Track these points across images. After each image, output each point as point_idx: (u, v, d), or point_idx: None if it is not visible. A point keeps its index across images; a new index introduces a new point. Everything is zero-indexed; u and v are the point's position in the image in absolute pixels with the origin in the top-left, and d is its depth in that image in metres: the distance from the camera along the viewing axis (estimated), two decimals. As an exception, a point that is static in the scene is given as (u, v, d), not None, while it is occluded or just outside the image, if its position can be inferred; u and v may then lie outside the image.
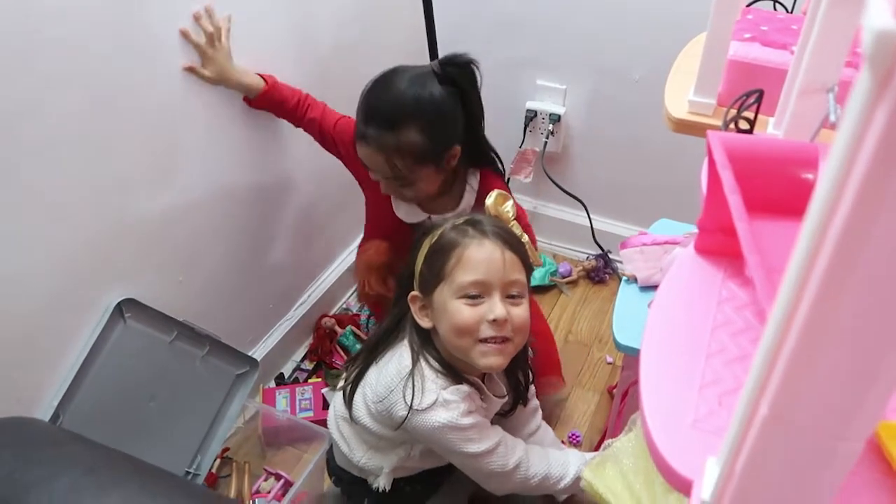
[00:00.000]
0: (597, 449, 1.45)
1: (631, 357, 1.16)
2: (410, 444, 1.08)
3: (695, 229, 1.27)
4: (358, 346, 1.63)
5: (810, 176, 0.58)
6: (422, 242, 1.05)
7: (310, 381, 1.58)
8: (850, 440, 0.32)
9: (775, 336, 0.32)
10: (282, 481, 1.36)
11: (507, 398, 1.13)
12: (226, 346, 1.30)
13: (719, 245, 0.63)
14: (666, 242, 1.27)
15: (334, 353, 1.63)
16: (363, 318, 1.73)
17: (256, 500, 1.34)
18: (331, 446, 1.24)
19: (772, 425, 0.33)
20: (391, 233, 1.32)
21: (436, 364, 1.02)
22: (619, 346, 1.15)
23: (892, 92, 0.23)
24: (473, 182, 1.30)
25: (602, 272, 1.92)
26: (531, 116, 1.83)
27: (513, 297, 1.01)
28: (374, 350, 1.10)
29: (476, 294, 0.98)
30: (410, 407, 0.99)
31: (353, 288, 1.81)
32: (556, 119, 1.80)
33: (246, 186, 1.36)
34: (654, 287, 1.23)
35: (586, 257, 1.95)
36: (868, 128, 0.25)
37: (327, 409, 1.48)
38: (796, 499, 0.35)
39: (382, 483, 1.10)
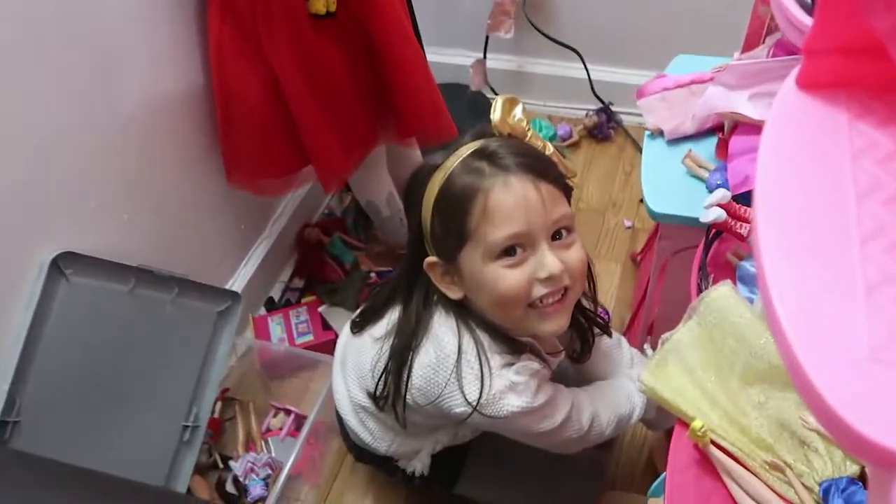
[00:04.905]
0: (631, 324, 1.32)
1: (668, 226, 0.99)
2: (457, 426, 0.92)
3: (724, 61, 1.06)
4: (350, 255, 1.46)
5: None
6: (422, 188, 0.82)
7: (303, 300, 1.42)
8: None
9: None
10: (292, 415, 1.23)
11: (562, 354, 0.95)
12: (197, 283, 1.12)
13: (836, 72, 0.43)
14: (692, 83, 1.06)
15: (325, 266, 1.46)
16: (349, 221, 1.55)
17: (269, 438, 1.22)
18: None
19: None
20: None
21: (485, 338, 0.83)
22: (654, 216, 0.97)
23: None
24: None
25: (606, 128, 1.71)
26: (503, -43, 1.56)
27: (561, 236, 0.79)
28: (398, 339, 0.87)
29: (517, 250, 0.77)
30: (474, 401, 0.80)
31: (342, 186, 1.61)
32: (533, -45, 1.53)
33: (191, 87, 1.14)
34: (685, 138, 1.04)
35: (585, 114, 1.73)
36: None
37: (327, 329, 1.35)
38: None
39: (419, 467, 0.95)
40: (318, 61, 1.13)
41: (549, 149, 0.84)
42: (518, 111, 0.83)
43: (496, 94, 1.77)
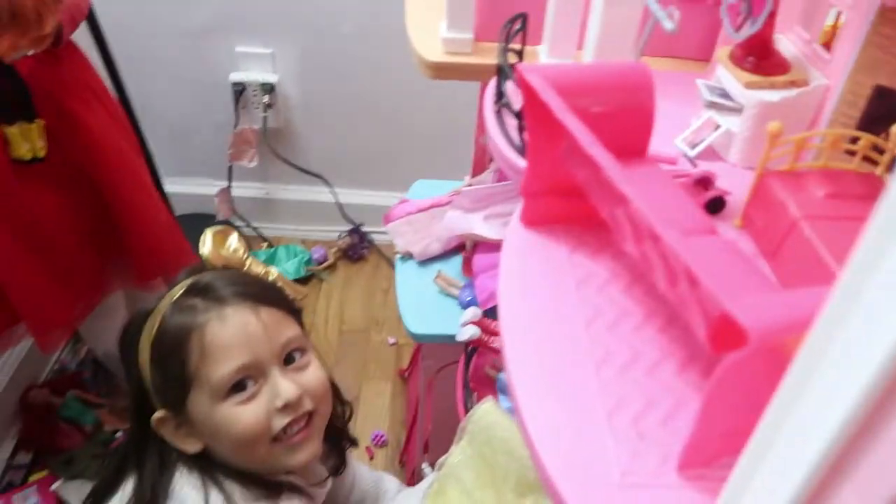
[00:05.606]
0: (407, 443, 1.31)
1: (430, 345, 1.02)
2: None
3: (459, 184, 1.15)
4: (90, 415, 1.27)
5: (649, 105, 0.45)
6: (135, 338, 0.74)
7: (31, 478, 1.20)
8: None
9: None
10: None
11: (329, 482, 0.89)
12: None
13: (552, 211, 0.49)
14: (431, 206, 1.14)
15: (58, 433, 1.25)
16: (87, 375, 1.37)
17: None
18: None
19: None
20: None
21: (234, 488, 0.75)
22: (415, 337, 1.00)
23: None
24: None
25: (359, 248, 1.76)
26: (239, 90, 1.57)
27: (293, 359, 0.74)
28: None
29: (247, 384, 0.71)
30: None
31: (66, 342, 1.42)
32: (269, 89, 1.56)
33: None
34: (434, 259, 1.10)
35: (338, 236, 1.76)
36: None
37: (65, 510, 1.14)
38: None
39: None
40: (27, 211, 1.01)
41: (273, 274, 0.82)
42: (232, 241, 0.81)
43: (245, 222, 1.74)
